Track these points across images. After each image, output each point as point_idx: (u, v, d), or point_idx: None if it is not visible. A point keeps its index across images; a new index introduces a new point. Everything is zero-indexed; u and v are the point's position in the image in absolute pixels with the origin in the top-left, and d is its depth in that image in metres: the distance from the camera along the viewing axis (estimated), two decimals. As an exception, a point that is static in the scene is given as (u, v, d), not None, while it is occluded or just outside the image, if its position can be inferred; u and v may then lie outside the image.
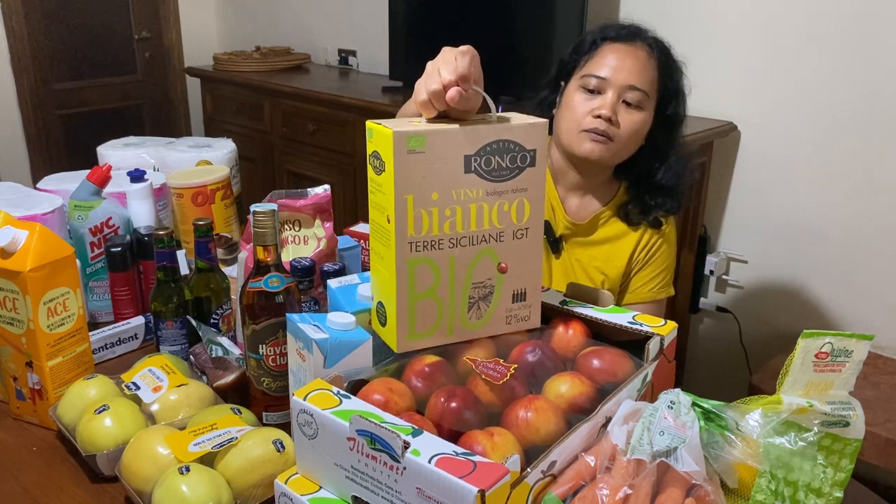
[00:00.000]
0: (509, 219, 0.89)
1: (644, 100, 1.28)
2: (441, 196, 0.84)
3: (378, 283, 0.91)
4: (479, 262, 0.89)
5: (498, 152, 0.86)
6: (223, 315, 1.17)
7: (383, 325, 0.91)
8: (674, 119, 1.34)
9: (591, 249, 1.38)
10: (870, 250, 2.09)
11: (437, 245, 0.86)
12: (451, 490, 0.62)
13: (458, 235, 0.87)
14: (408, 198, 0.83)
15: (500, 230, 0.89)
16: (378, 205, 0.86)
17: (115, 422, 0.90)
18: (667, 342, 0.91)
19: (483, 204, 0.87)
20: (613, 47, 1.29)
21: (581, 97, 1.29)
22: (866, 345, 0.76)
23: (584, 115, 1.28)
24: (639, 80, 1.27)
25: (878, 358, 2.04)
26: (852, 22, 2.00)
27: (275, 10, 3.74)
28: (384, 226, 0.85)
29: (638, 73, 1.27)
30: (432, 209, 0.84)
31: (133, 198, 1.38)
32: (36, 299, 0.96)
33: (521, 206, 0.89)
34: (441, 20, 2.68)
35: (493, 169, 0.86)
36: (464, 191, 0.85)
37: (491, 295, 0.91)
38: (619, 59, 1.27)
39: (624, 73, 1.26)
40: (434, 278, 0.87)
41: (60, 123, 3.75)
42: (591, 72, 1.29)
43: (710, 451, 0.74)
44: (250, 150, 3.11)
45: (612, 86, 1.27)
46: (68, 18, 3.68)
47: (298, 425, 0.74)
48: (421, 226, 0.84)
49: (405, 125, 0.83)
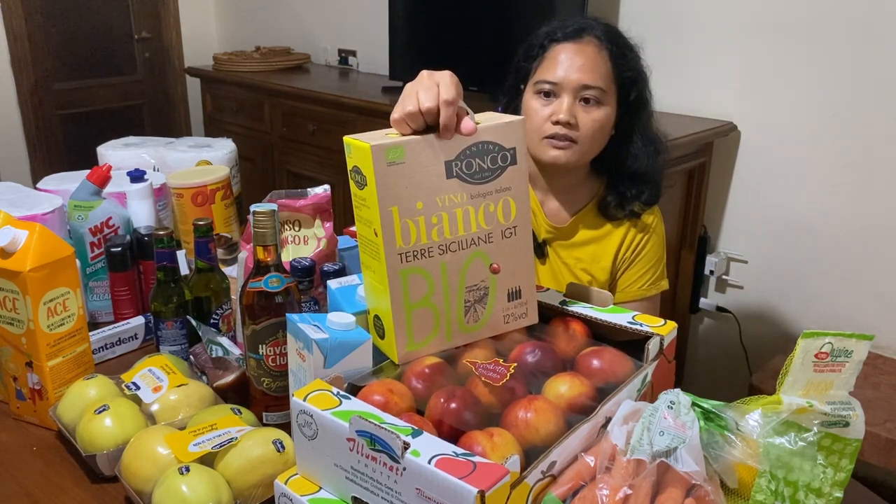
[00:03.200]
0: (496, 219, 0.89)
1: (601, 95, 1.26)
2: (426, 204, 0.85)
3: (372, 297, 0.91)
4: (471, 266, 0.89)
5: (478, 154, 0.86)
6: (223, 315, 1.17)
7: (382, 338, 0.91)
8: (637, 104, 1.31)
9: (576, 251, 1.37)
10: (869, 250, 2.09)
11: (427, 253, 0.86)
12: (451, 491, 0.62)
13: (447, 241, 0.87)
14: (393, 209, 0.83)
15: (489, 231, 0.89)
16: (364, 219, 0.86)
17: (115, 422, 0.90)
18: (666, 342, 0.91)
19: (468, 207, 0.87)
20: (562, 48, 1.27)
21: (537, 104, 1.27)
22: (866, 345, 0.76)
23: (542, 122, 1.26)
24: (591, 78, 1.25)
25: (878, 358, 2.04)
26: (852, 22, 2.00)
27: (275, 10, 3.74)
28: (372, 239, 0.86)
29: (590, 70, 1.25)
30: (418, 218, 0.85)
31: (133, 198, 1.38)
32: (36, 299, 0.96)
33: (506, 206, 0.89)
34: (441, 20, 2.68)
35: (474, 171, 0.87)
36: (448, 196, 0.86)
37: (486, 297, 0.91)
38: (568, 59, 1.25)
39: (576, 74, 1.24)
40: (427, 286, 0.87)
41: (60, 123, 3.75)
42: (543, 77, 1.27)
43: (710, 451, 0.74)
44: (250, 150, 3.11)
45: (566, 89, 1.25)
46: (68, 18, 3.68)
47: (298, 426, 0.74)
48: (409, 236, 0.84)
49: (381, 138, 0.83)
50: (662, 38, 2.33)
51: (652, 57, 1.35)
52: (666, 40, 2.33)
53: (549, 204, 1.37)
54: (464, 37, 2.59)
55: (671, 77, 2.32)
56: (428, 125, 0.86)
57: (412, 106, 0.84)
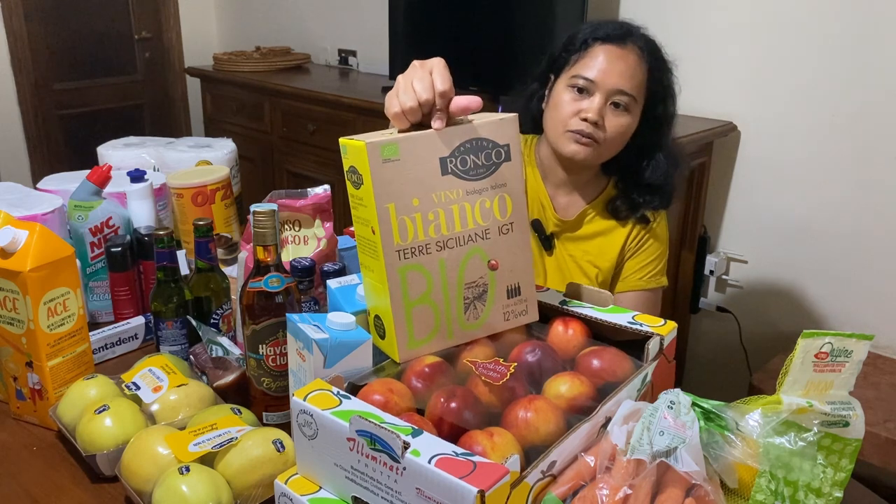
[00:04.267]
0: (493, 215, 0.89)
1: (631, 103, 1.27)
2: (422, 201, 0.85)
3: (372, 297, 0.91)
4: (470, 262, 0.89)
5: (472, 151, 0.87)
6: (223, 315, 1.17)
7: (382, 337, 0.91)
8: (662, 119, 1.33)
9: (583, 244, 1.38)
10: (869, 250, 2.09)
11: (424, 250, 0.86)
12: (451, 490, 0.62)
13: (445, 238, 0.87)
14: (389, 207, 0.83)
15: (486, 227, 0.89)
16: (361, 218, 0.87)
17: (115, 422, 0.90)
18: (666, 342, 0.91)
19: (465, 204, 0.87)
20: (604, 48, 1.28)
21: (569, 97, 1.29)
22: (866, 345, 0.76)
23: (570, 116, 1.27)
24: (628, 84, 1.26)
25: (878, 358, 2.04)
26: (852, 22, 2.00)
27: (275, 10, 3.74)
28: (370, 238, 0.86)
29: (628, 77, 1.26)
30: (415, 215, 0.85)
31: (133, 198, 1.38)
32: (36, 299, 0.96)
33: (502, 202, 0.90)
34: (441, 20, 2.67)
35: (469, 168, 0.87)
36: (443, 193, 0.86)
37: (485, 294, 0.91)
38: (609, 61, 1.26)
39: (614, 77, 1.26)
40: (426, 283, 0.87)
41: (60, 123, 3.75)
42: (580, 72, 1.28)
43: (710, 451, 0.74)
44: (250, 150, 3.11)
45: (601, 88, 1.26)
46: (68, 19, 3.68)
47: (298, 426, 0.74)
48: (406, 233, 0.85)
49: (376, 136, 0.84)
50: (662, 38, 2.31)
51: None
52: (666, 40, 2.30)
53: (558, 198, 1.39)
54: (464, 37, 2.59)
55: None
56: (424, 115, 0.86)
57: (410, 101, 0.84)
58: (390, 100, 0.87)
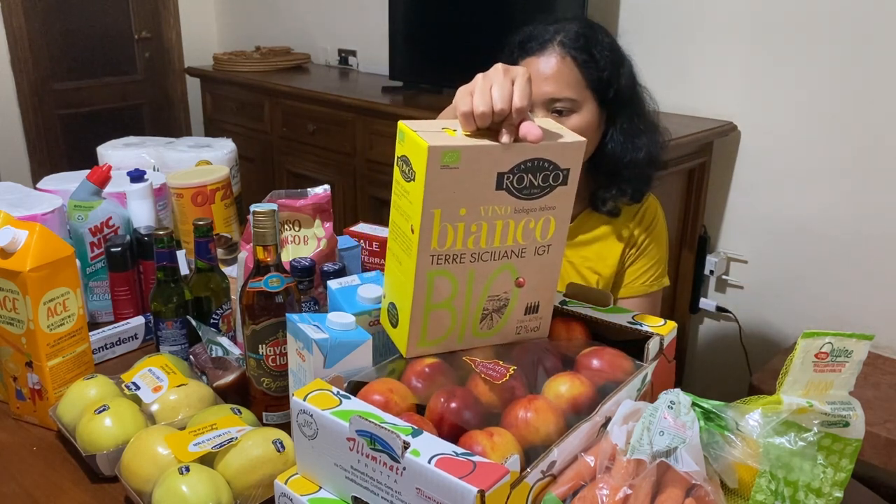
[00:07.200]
0: (533, 235, 0.87)
1: (572, 104, 1.23)
2: (469, 212, 0.82)
3: (393, 285, 0.89)
4: (498, 277, 0.87)
5: (532, 170, 0.83)
6: (223, 315, 1.17)
7: (394, 326, 0.90)
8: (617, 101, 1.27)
9: (582, 250, 1.37)
10: (869, 250, 2.09)
11: (458, 259, 0.84)
12: (451, 490, 0.62)
13: (481, 251, 0.85)
14: (435, 212, 0.80)
15: (523, 246, 0.87)
16: (402, 210, 0.84)
17: (115, 422, 0.90)
18: (666, 342, 0.91)
19: (510, 221, 0.84)
20: (528, 62, 1.25)
21: None
22: (866, 345, 0.76)
23: None
24: (557, 90, 1.22)
25: (878, 358, 2.04)
26: (852, 22, 1.99)
27: (275, 10, 3.74)
28: (407, 234, 0.83)
29: (555, 82, 1.22)
30: (458, 224, 0.82)
31: (133, 198, 1.38)
32: (36, 299, 0.96)
33: (546, 224, 0.87)
34: (441, 20, 2.67)
35: (524, 187, 0.83)
36: (492, 207, 0.83)
37: (505, 307, 0.90)
38: (534, 73, 1.20)
39: (543, 88, 1.22)
40: (451, 290, 0.85)
41: (60, 123, 3.75)
42: None
43: (710, 451, 0.74)
44: (250, 150, 3.11)
45: (536, 104, 1.22)
46: (68, 18, 3.68)
47: (298, 425, 0.74)
48: (445, 240, 0.82)
49: (441, 137, 0.79)
50: (663, 38, 2.33)
51: (652, 57, 1.35)
52: (666, 40, 2.33)
53: None
54: (464, 37, 2.59)
55: (671, 77, 2.32)
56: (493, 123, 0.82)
57: (484, 105, 0.80)
58: (463, 97, 0.83)
